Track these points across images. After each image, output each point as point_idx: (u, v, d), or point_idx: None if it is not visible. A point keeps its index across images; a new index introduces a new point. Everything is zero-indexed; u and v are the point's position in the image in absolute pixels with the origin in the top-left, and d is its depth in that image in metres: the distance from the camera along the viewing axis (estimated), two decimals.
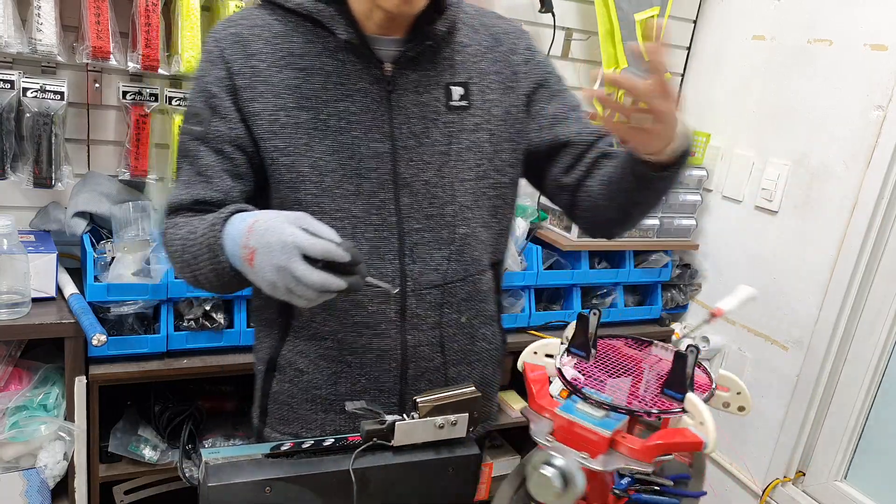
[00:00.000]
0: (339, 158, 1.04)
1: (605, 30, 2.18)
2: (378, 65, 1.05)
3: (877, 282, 1.96)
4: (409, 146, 1.06)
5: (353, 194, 1.05)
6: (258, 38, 1.04)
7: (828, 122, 2.01)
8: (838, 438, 2.07)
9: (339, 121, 1.04)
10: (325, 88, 1.04)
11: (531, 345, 1.02)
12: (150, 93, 1.72)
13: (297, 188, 1.04)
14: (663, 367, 1.05)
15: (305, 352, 1.12)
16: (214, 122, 1.04)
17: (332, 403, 1.14)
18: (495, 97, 1.12)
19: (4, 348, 1.64)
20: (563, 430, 0.88)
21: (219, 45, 1.05)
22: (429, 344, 1.13)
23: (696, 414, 0.90)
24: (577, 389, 0.92)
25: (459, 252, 1.12)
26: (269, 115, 1.03)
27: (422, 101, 1.07)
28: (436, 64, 1.08)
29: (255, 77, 1.03)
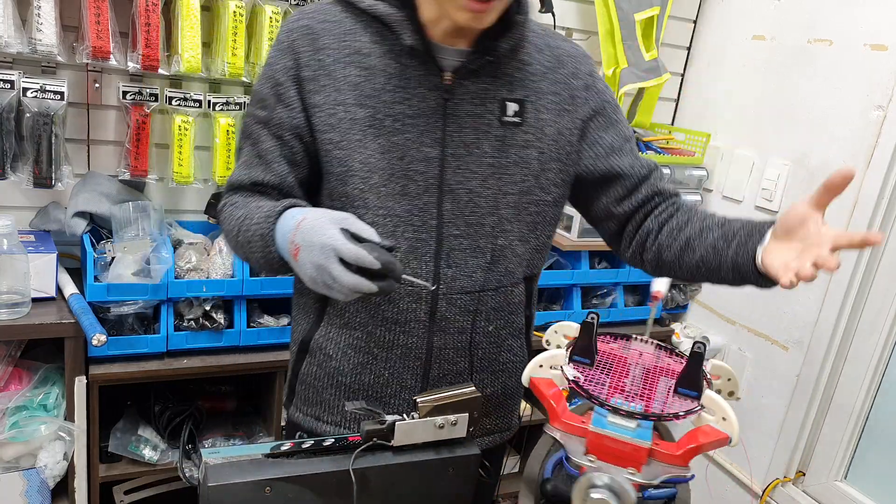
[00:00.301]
0: (389, 158, 1.07)
1: (605, 30, 2.18)
2: (439, 73, 1.07)
3: (877, 282, 1.96)
4: (459, 154, 1.09)
5: (398, 194, 1.07)
6: (328, 33, 1.08)
7: (828, 122, 2.01)
8: (838, 438, 2.07)
9: (394, 122, 1.07)
10: (385, 89, 1.06)
11: (535, 358, 0.99)
12: (150, 93, 1.72)
13: (346, 182, 1.07)
14: (646, 361, 1.06)
15: (336, 339, 1.16)
16: (278, 109, 1.08)
17: (356, 392, 1.17)
18: (549, 117, 1.14)
19: (4, 348, 1.64)
20: (600, 447, 0.87)
21: (290, 35, 1.09)
22: (454, 348, 1.15)
23: (717, 410, 0.92)
24: (604, 402, 0.91)
25: (494, 262, 1.14)
26: (329, 109, 1.07)
27: (476, 112, 1.09)
28: (495, 78, 1.10)
29: (320, 70, 1.07)
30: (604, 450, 0.87)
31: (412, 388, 1.16)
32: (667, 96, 2.48)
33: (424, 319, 1.12)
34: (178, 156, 1.76)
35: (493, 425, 1.26)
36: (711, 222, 1.13)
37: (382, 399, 1.17)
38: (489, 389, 1.22)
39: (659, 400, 0.95)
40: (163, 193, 1.89)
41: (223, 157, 1.79)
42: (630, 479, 0.84)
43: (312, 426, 1.21)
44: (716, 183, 2.37)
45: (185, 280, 1.71)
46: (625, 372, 1.03)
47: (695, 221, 1.15)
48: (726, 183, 2.33)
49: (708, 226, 1.13)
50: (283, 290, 1.82)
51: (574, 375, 0.97)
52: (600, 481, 0.83)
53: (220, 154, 1.79)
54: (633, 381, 1.00)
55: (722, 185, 2.34)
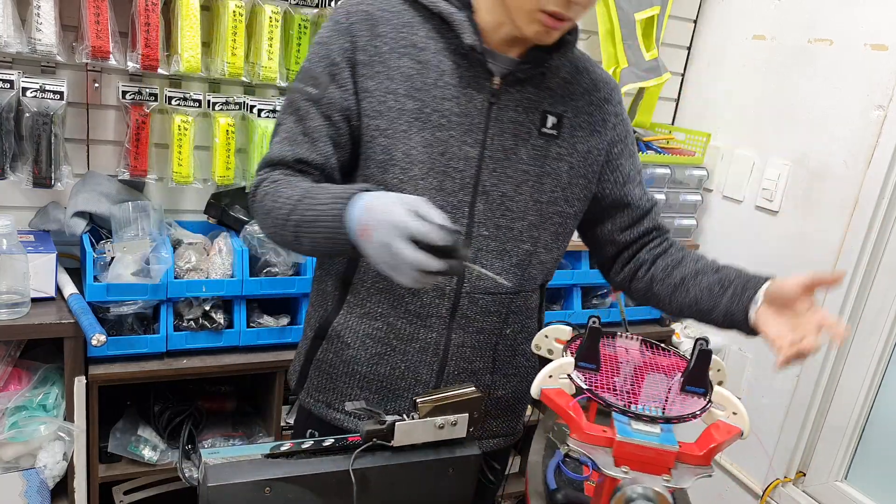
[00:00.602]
0: (431, 153, 1.09)
1: (606, 29, 2.18)
2: (489, 77, 1.10)
3: (877, 282, 1.96)
4: (497, 158, 1.11)
5: (434, 189, 1.09)
6: (387, 23, 1.09)
7: (828, 122, 2.01)
8: (838, 438, 2.07)
9: (441, 118, 1.08)
10: (436, 85, 1.08)
11: (544, 369, 0.98)
12: (150, 92, 1.72)
13: (386, 170, 1.09)
14: (634, 358, 1.06)
15: (355, 328, 1.17)
16: (331, 89, 1.09)
17: (370, 382, 1.18)
18: (582, 135, 1.18)
19: (4, 348, 1.64)
20: (630, 456, 0.86)
21: (349, 18, 1.09)
22: (472, 347, 1.17)
23: (727, 405, 0.94)
24: (627, 410, 0.91)
25: (519, 266, 1.16)
26: (380, 96, 1.08)
27: (518, 119, 1.12)
28: (539, 90, 1.13)
29: (376, 57, 1.08)
30: (634, 458, 0.86)
31: (426, 383, 1.17)
32: (667, 96, 2.48)
33: (445, 316, 1.14)
34: (177, 156, 1.76)
35: (499, 428, 1.27)
36: (705, 265, 1.20)
37: (396, 392, 1.17)
38: (500, 392, 1.23)
39: (670, 400, 0.95)
40: (162, 193, 1.89)
41: (223, 157, 1.79)
42: (667, 486, 0.83)
43: (323, 413, 1.21)
44: (716, 183, 2.37)
45: (185, 280, 1.71)
46: (616, 370, 1.03)
47: (689, 262, 1.21)
48: (726, 183, 2.33)
49: (702, 269, 1.19)
50: (282, 291, 1.82)
51: (584, 384, 0.96)
52: (635, 493, 0.82)
53: (220, 154, 1.79)
54: (625, 379, 1.00)
55: (722, 185, 2.34)
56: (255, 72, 1.76)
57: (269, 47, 1.74)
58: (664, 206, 2.31)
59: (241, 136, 1.85)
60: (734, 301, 1.12)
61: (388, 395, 1.18)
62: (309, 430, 1.24)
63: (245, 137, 1.86)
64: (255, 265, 1.80)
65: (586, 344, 1.00)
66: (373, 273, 1.13)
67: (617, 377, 1.01)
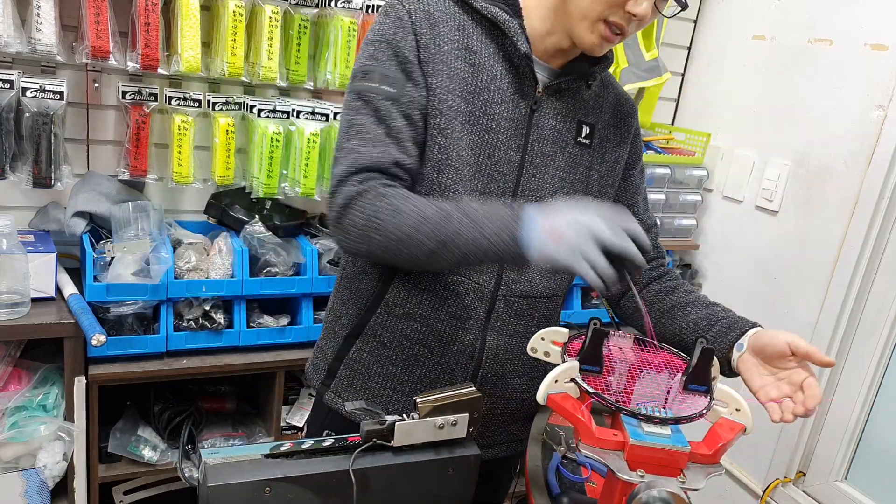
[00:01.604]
0: (478, 155, 1.10)
1: None
2: (534, 84, 1.11)
3: (877, 282, 1.96)
4: (536, 163, 1.14)
5: (479, 191, 1.11)
6: (445, 23, 1.09)
7: (828, 122, 2.01)
8: (838, 438, 2.07)
9: (490, 121, 1.10)
10: (487, 88, 1.10)
11: (550, 374, 0.97)
12: (150, 92, 1.72)
13: (441, 170, 1.08)
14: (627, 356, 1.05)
15: (393, 327, 1.16)
16: (408, 87, 1.06)
17: (404, 384, 1.17)
18: (610, 146, 1.22)
19: (4, 348, 1.64)
20: (644, 459, 0.86)
21: (410, 14, 1.08)
22: (505, 349, 1.18)
23: (731, 402, 0.94)
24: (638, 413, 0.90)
25: (552, 271, 1.18)
26: (441, 94, 1.08)
27: (557, 127, 1.14)
28: (576, 100, 1.16)
29: (438, 55, 1.08)
30: (648, 461, 0.85)
31: None
32: (667, 96, 2.48)
33: (482, 318, 1.15)
34: (177, 156, 1.76)
35: (519, 432, 1.26)
36: (696, 299, 1.22)
37: None
38: (525, 395, 1.24)
39: (670, 399, 0.95)
40: (162, 193, 1.89)
41: (223, 157, 1.79)
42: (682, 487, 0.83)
43: (350, 413, 1.18)
44: (716, 183, 2.37)
45: (185, 280, 1.71)
46: (613, 370, 1.03)
47: (681, 293, 1.24)
48: (726, 183, 2.33)
49: (692, 301, 1.21)
50: (282, 291, 1.82)
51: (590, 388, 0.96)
52: (651, 497, 0.82)
53: (220, 154, 1.79)
54: (620, 378, 1.00)
55: (722, 185, 2.34)
56: (255, 72, 1.76)
57: (269, 47, 1.74)
58: (664, 205, 2.31)
59: (241, 136, 1.85)
60: (718, 339, 1.14)
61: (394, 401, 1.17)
62: (326, 430, 1.22)
63: (245, 137, 1.86)
64: (255, 265, 1.80)
65: (589, 347, 0.99)
66: (416, 273, 1.13)
67: (612, 376, 1.01)
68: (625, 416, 0.90)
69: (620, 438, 0.87)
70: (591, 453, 0.87)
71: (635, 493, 0.83)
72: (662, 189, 2.29)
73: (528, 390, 1.24)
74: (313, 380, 1.27)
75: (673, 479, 0.84)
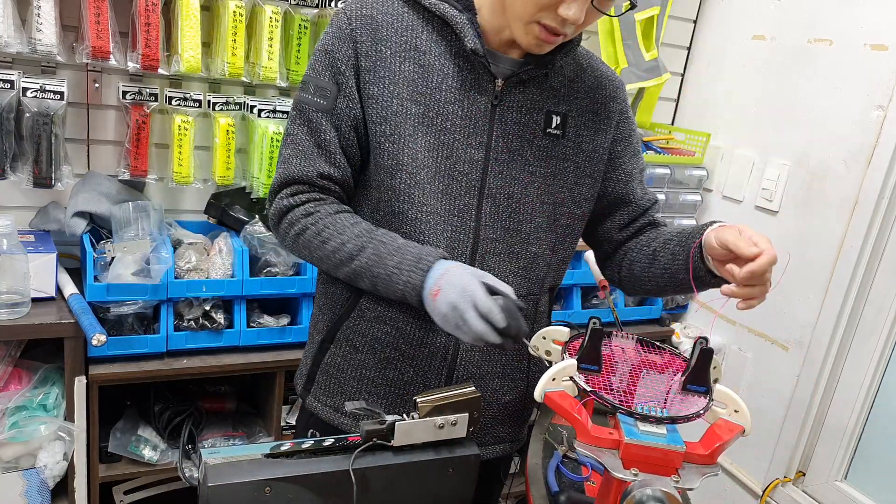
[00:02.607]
0: (436, 156, 1.09)
1: (606, 29, 2.18)
2: (492, 79, 1.09)
3: (877, 282, 1.96)
4: (502, 160, 1.11)
5: (440, 192, 1.09)
6: (389, 26, 1.08)
7: (828, 122, 2.01)
8: (838, 438, 2.07)
9: (445, 121, 1.08)
10: (439, 88, 1.08)
11: (548, 372, 0.98)
12: (150, 93, 1.72)
13: (394, 175, 1.09)
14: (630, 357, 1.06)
15: (364, 332, 1.16)
16: (340, 100, 1.09)
17: (378, 387, 1.18)
18: (588, 134, 1.18)
19: (4, 348, 1.64)
20: (638, 458, 0.86)
21: (350, 23, 1.08)
22: (480, 351, 1.17)
23: (730, 402, 0.94)
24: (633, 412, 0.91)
25: (527, 269, 1.16)
26: (384, 101, 1.08)
27: (522, 121, 1.12)
28: (542, 90, 1.13)
29: (379, 62, 1.08)
30: (642, 460, 0.86)
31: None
32: (667, 96, 2.48)
33: None
34: (177, 156, 1.76)
35: (506, 434, 1.26)
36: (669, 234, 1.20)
37: (403, 397, 1.17)
38: (508, 397, 1.23)
39: (670, 400, 0.95)
40: (162, 193, 1.89)
41: (223, 157, 1.79)
42: (676, 487, 0.83)
43: (330, 417, 1.21)
44: (716, 183, 2.37)
45: (185, 280, 1.71)
46: (614, 370, 1.03)
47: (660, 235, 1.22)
48: (726, 183, 2.33)
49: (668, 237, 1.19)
50: (282, 291, 1.82)
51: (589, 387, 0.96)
52: (645, 495, 0.82)
53: (220, 154, 1.79)
54: (622, 378, 1.00)
55: (722, 185, 2.34)
56: (256, 72, 1.76)
57: (270, 47, 1.74)
58: (664, 205, 2.31)
59: (242, 137, 1.85)
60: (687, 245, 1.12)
61: (396, 399, 1.17)
62: (311, 430, 1.24)
63: (245, 137, 1.86)
64: (255, 265, 1.80)
65: (588, 346, 0.99)
66: None
67: (613, 377, 1.01)
68: (621, 416, 0.90)
69: (616, 437, 0.88)
70: (587, 451, 0.88)
71: (628, 492, 0.83)
72: (662, 189, 2.29)
73: (510, 392, 1.22)
74: (297, 385, 1.29)
75: (667, 479, 0.84)
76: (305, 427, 1.25)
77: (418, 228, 1.09)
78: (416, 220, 1.09)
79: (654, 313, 2.38)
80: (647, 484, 0.83)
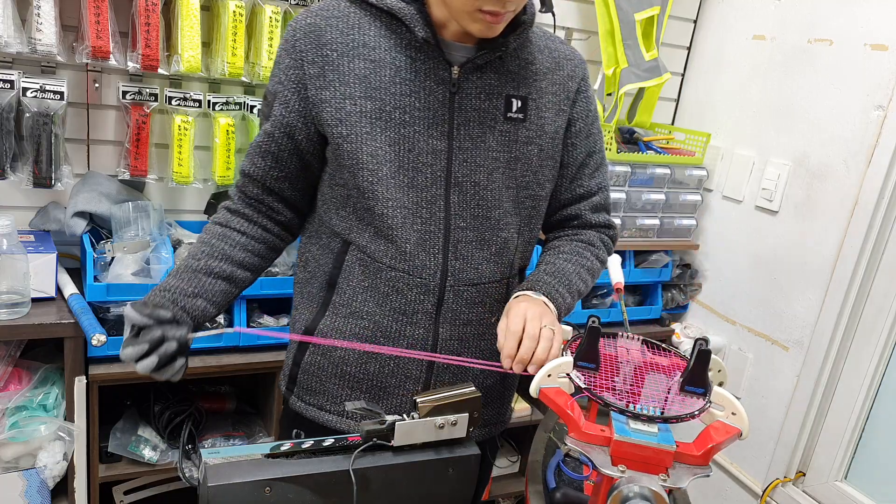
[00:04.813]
0: (398, 150, 1.09)
1: (606, 30, 2.18)
2: (447, 67, 1.09)
3: (877, 282, 1.96)
4: (465, 147, 1.11)
5: (406, 186, 1.10)
6: (333, 28, 1.09)
7: (828, 122, 2.01)
8: (838, 438, 2.07)
9: (403, 114, 1.08)
10: (393, 82, 1.08)
11: (543, 368, 0.99)
12: (150, 93, 1.72)
13: (356, 174, 1.10)
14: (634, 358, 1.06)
15: (341, 328, 1.17)
16: (275, 106, 1.13)
17: (360, 382, 1.18)
18: (549, 116, 1.18)
19: (4, 348, 1.64)
20: (627, 455, 0.87)
21: (294, 35, 1.11)
22: (459, 339, 1.18)
23: (727, 405, 0.94)
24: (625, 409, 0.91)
25: (499, 254, 1.17)
26: (337, 104, 1.09)
27: (482, 107, 1.11)
28: (500, 74, 1.13)
29: (327, 66, 1.09)
30: (631, 458, 0.86)
31: (417, 379, 1.18)
32: (667, 96, 2.48)
33: (431, 311, 1.14)
34: (177, 156, 1.76)
35: (489, 417, 1.28)
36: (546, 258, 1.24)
37: (386, 389, 1.18)
38: (489, 381, 1.24)
39: (670, 400, 0.95)
40: (162, 193, 1.89)
41: (223, 157, 1.79)
42: (663, 486, 0.83)
43: (314, 416, 1.22)
44: (716, 183, 2.37)
45: None
46: (616, 370, 1.03)
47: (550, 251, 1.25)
48: (726, 183, 2.33)
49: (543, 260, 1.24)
50: (282, 291, 1.82)
51: (584, 384, 0.96)
52: (631, 492, 0.82)
53: (220, 154, 1.79)
54: (625, 379, 1.00)
55: (722, 185, 2.34)
56: (255, 72, 1.76)
57: (270, 47, 1.74)
58: (664, 205, 2.31)
59: (242, 136, 1.85)
60: None
61: (379, 393, 1.18)
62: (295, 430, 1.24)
63: (245, 137, 1.86)
64: None
65: (585, 344, 1.00)
66: (357, 272, 1.15)
67: (616, 377, 1.01)
68: (613, 413, 0.91)
69: (607, 434, 0.88)
70: (578, 447, 0.88)
71: (615, 488, 0.84)
72: (662, 189, 2.29)
73: (490, 375, 1.23)
74: (281, 385, 1.30)
75: (654, 477, 0.84)
76: (290, 427, 1.25)
77: (387, 224, 1.10)
78: (384, 216, 1.10)
79: (655, 313, 2.38)
80: (634, 481, 0.83)
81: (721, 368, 1.08)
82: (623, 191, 2.21)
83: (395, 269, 1.12)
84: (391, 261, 1.12)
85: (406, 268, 1.12)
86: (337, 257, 1.17)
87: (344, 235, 1.15)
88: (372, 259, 1.13)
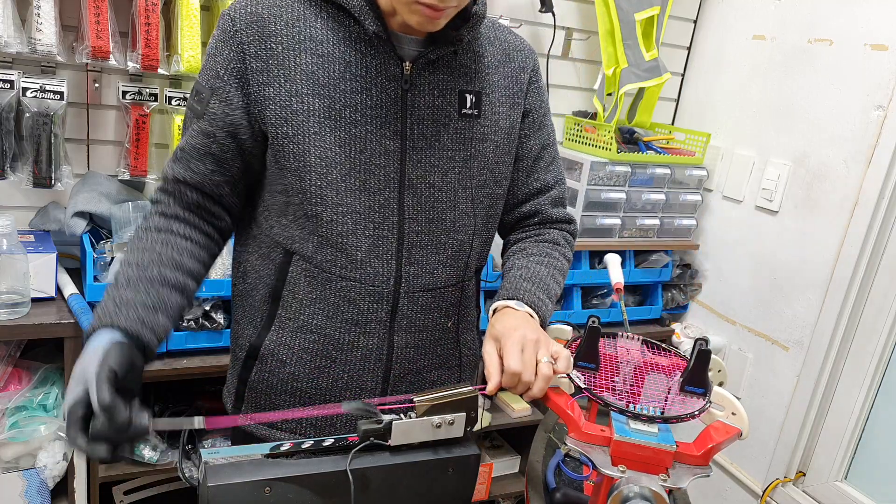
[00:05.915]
0: (348, 152, 1.02)
1: (606, 29, 2.18)
2: (398, 62, 1.02)
3: (877, 282, 1.96)
4: (419, 147, 1.05)
5: (357, 189, 1.03)
6: (277, 19, 1.01)
7: (828, 122, 2.01)
8: (838, 438, 2.07)
9: (354, 113, 1.01)
10: (342, 78, 1.01)
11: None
12: (150, 92, 1.72)
13: (303, 178, 1.02)
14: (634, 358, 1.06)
15: (289, 343, 1.10)
16: (212, 103, 1.02)
17: (312, 397, 1.12)
18: (503, 110, 1.13)
19: (4, 348, 1.64)
20: (627, 455, 0.86)
21: (234, 24, 1.01)
22: (416, 347, 1.13)
23: (727, 405, 0.94)
24: (625, 410, 0.91)
25: (454, 258, 1.12)
26: (282, 101, 1.01)
27: (436, 104, 1.06)
28: (453, 70, 1.07)
29: (271, 60, 1.00)
30: (631, 458, 0.86)
31: (372, 390, 1.12)
32: (667, 96, 2.48)
33: (385, 319, 1.09)
34: None
35: None
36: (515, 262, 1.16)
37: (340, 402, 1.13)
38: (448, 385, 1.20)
39: (670, 401, 0.95)
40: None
41: None
42: (663, 486, 0.83)
43: (265, 434, 1.15)
44: (716, 183, 2.37)
45: None
46: (616, 370, 1.03)
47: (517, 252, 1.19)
48: (726, 183, 2.33)
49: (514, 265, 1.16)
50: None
51: (584, 384, 0.96)
52: (631, 492, 0.82)
53: None
54: (625, 379, 1.00)
55: (722, 185, 2.35)
56: None
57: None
58: (664, 205, 2.31)
59: None
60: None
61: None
62: None
63: None
64: None
65: (585, 344, 1.00)
66: (304, 284, 1.07)
67: (616, 377, 1.01)
68: (613, 413, 0.91)
69: (607, 434, 0.88)
70: (578, 447, 0.88)
71: (615, 488, 0.84)
72: (662, 189, 2.29)
73: (448, 380, 1.19)
74: (226, 402, 1.21)
75: (654, 477, 0.84)
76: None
77: (336, 231, 1.03)
78: (332, 223, 1.02)
79: (655, 313, 2.38)
80: (633, 481, 0.83)
81: (721, 368, 1.08)
82: (623, 191, 2.21)
83: (346, 278, 1.05)
84: (341, 270, 1.05)
85: (357, 276, 1.05)
86: (280, 269, 1.08)
87: (286, 245, 1.07)
88: (319, 270, 1.05)
